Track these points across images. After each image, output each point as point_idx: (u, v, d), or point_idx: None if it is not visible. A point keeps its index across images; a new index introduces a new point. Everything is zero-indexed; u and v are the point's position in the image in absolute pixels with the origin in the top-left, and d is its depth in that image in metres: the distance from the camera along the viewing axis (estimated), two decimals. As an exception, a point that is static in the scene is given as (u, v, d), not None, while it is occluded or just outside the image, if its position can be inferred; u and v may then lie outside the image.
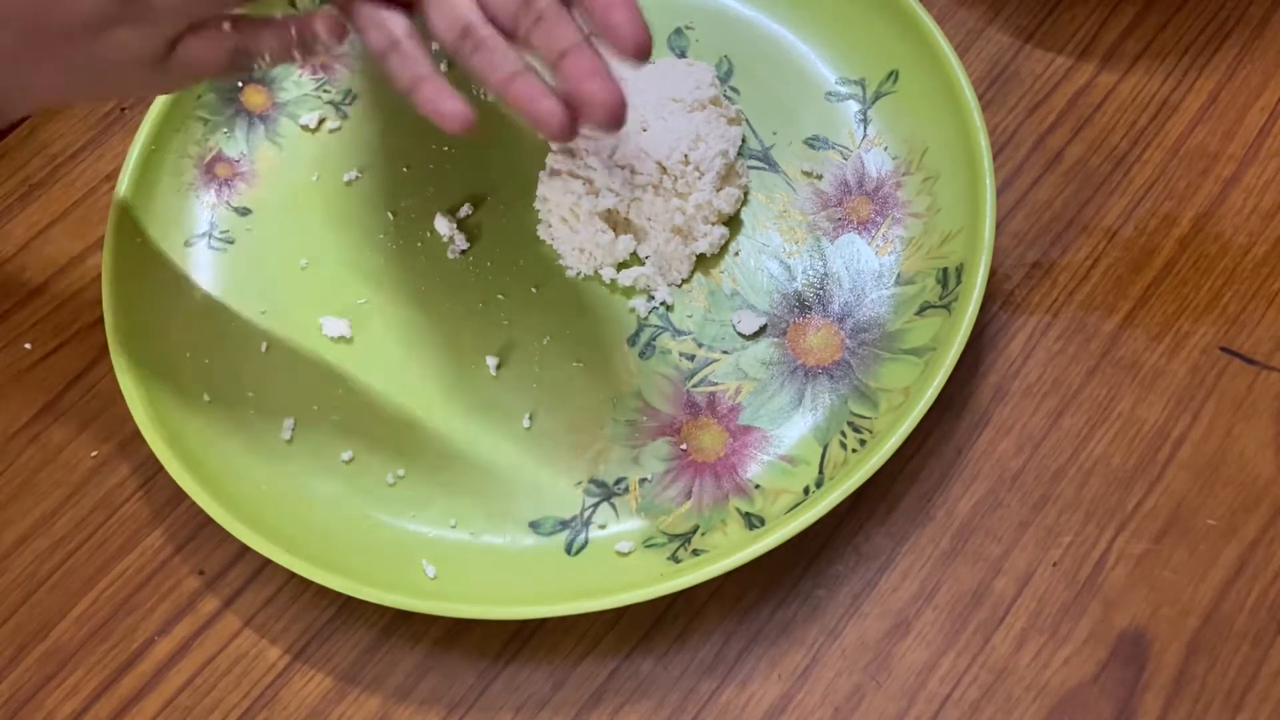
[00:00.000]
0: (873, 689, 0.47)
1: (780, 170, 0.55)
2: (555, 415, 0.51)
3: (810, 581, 0.48)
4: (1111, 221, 0.54)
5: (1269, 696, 0.45)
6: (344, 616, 0.49)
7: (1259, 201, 0.54)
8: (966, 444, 0.50)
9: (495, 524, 0.49)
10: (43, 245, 0.58)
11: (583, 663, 0.48)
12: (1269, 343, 0.51)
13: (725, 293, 0.53)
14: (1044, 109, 0.57)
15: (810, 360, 0.51)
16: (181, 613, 0.50)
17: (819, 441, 0.49)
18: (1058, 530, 0.48)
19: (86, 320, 0.56)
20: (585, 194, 0.53)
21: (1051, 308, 0.53)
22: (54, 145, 0.60)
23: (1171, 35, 0.58)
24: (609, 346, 0.52)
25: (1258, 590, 0.47)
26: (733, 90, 0.57)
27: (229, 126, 0.58)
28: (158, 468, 0.51)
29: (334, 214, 0.56)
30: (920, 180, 0.53)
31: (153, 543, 0.51)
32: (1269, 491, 0.48)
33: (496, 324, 0.53)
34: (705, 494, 0.49)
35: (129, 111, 0.61)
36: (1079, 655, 0.46)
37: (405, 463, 0.51)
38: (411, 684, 0.48)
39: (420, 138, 0.57)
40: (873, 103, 0.55)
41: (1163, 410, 0.50)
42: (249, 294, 0.55)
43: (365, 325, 0.54)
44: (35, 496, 0.52)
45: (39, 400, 0.54)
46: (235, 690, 0.48)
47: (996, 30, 0.59)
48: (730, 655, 0.48)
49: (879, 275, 0.52)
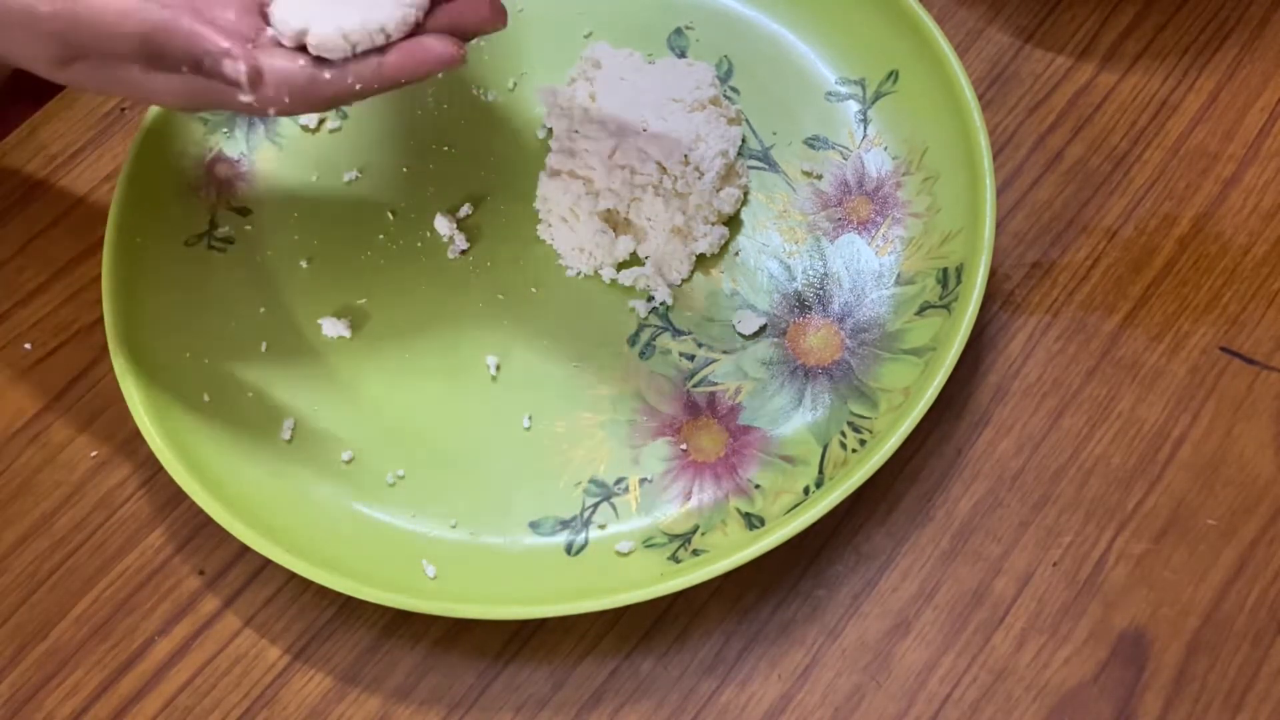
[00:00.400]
0: (873, 689, 0.47)
1: (780, 170, 0.55)
2: (555, 415, 0.51)
3: (810, 581, 0.48)
4: (1111, 221, 0.54)
5: (1269, 696, 0.45)
6: (344, 616, 0.49)
7: (1259, 201, 0.54)
8: (966, 444, 0.50)
9: (495, 524, 0.49)
10: (43, 245, 0.58)
11: (583, 663, 0.48)
12: (1269, 343, 0.51)
13: (725, 293, 0.53)
14: (1044, 109, 0.57)
15: (810, 360, 0.51)
16: (181, 613, 0.50)
17: (819, 441, 0.49)
18: (1058, 530, 0.48)
19: (86, 320, 0.56)
20: (585, 194, 0.53)
21: (1051, 308, 0.53)
22: (54, 145, 0.60)
23: (1171, 35, 0.58)
24: (609, 346, 0.52)
25: (1258, 590, 0.47)
26: (733, 90, 0.57)
27: (229, 126, 0.58)
28: (158, 468, 0.51)
29: (334, 214, 0.56)
30: (920, 180, 0.53)
31: (153, 543, 0.51)
32: (1269, 491, 0.48)
33: (496, 324, 0.53)
34: (705, 494, 0.49)
35: (129, 111, 0.61)
36: (1079, 655, 0.46)
37: (405, 463, 0.51)
38: (411, 684, 0.48)
39: (420, 138, 0.57)
40: (873, 103, 0.55)
41: (1163, 410, 0.50)
42: (249, 294, 0.55)
43: (365, 325, 0.54)
44: (35, 496, 0.52)
45: (39, 400, 0.54)
46: (235, 690, 0.48)
47: (996, 30, 0.59)
48: (730, 655, 0.48)
49: (879, 275, 0.52)
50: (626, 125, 0.53)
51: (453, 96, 0.58)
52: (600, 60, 0.56)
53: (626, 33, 0.58)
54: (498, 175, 0.56)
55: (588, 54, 0.57)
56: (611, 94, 0.54)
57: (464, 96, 0.58)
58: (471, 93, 0.58)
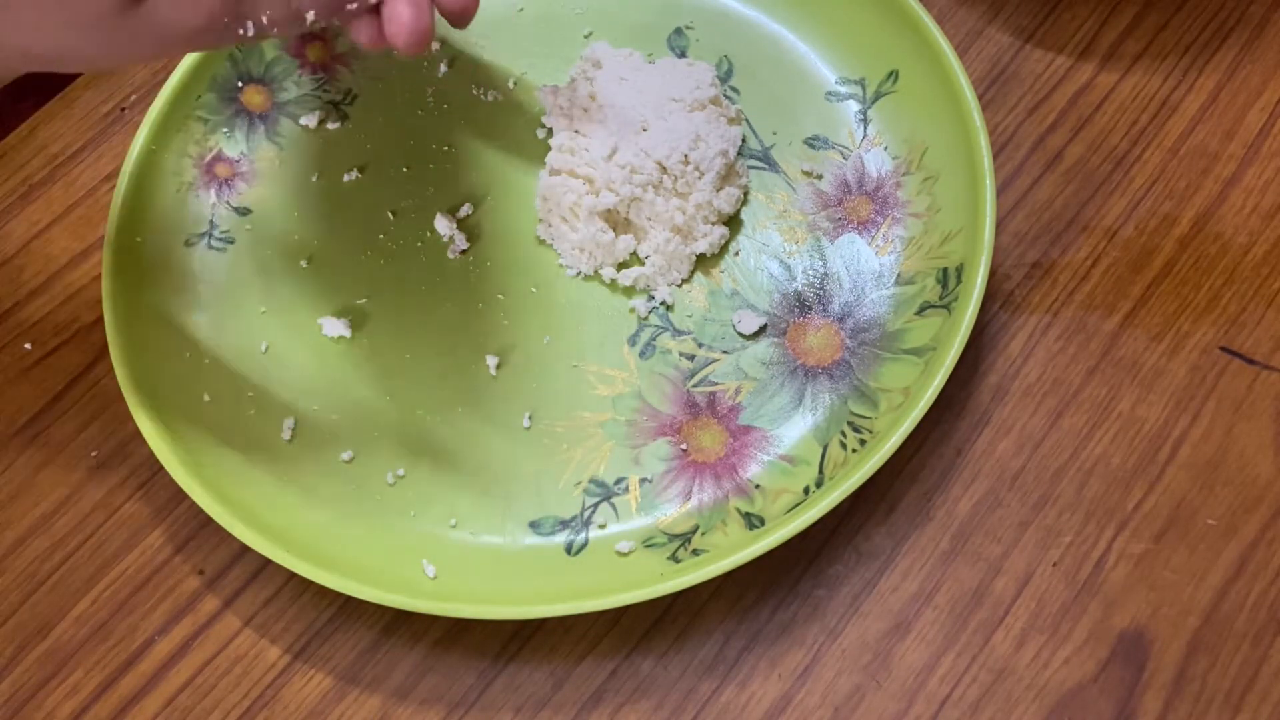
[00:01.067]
0: (873, 689, 0.47)
1: (780, 170, 0.55)
2: (555, 415, 0.51)
3: (810, 581, 0.48)
4: (1111, 221, 0.54)
5: (1269, 696, 0.45)
6: (344, 616, 0.49)
7: (1259, 201, 0.54)
8: (966, 444, 0.50)
9: (495, 524, 0.49)
10: (43, 245, 0.58)
11: (583, 663, 0.48)
12: (1269, 343, 0.51)
13: (725, 292, 0.53)
14: (1044, 109, 0.57)
15: (810, 360, 0.51)
16: (181, 613, 0.50)
17: (819, 441, 0.49)
18: (1058, 530, 0.48)
19: (86, 320, 0.56)
20: (585, 194, 0.53)
21: (1051, 308, 0.53)
22: (54, 145, 0.60)
23: (1171, 35, 0.58)
24: (609, 346, 0.53)
25: (1258, 590, 0.47)
26: (733, 90, 0.57)
27: (229, 126, 0.58)
28: (158, 468, 0.52)
29: (334, 214, 0.56)
30: (920, 180, 0.53)
31: (153, 543, 0.51)
32: (1269, 491, 0.48)
33: (496, 324, 0.53)
34: (705, 494, 0.49)
35: (129, 111, 0.61)
36: (1079, 655, 0.46)
37: (405, 463, 0.51)
38: (411, 684, 0.48)
39: (420, 138, 0.57)
40: (873, 103, 0.55)
41: (1163, 410, 0.50)
42: (249, 294, 0.55)
43: (365, 325, 0.54)
44: (35, 496, 0.52)
45: (39, 400, 0.54)
46: (235, 690, 0.48)
47: (996, 30, 0.59)
48: (730, 655, 0.48)
49: (879, 275, 0.52)
50: (626, 125, 0.53)
51: (453, 96, 0.58)
52: (600, 60, 0.56)
53: (626, 33, 0.58)
54: (498, 175, 0.57)
55: (588, 54, 0.57)
56: (611, 94, 0.54)
57: (464, 96, 0.58)
58: (471, 93, 0.58)
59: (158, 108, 0.56)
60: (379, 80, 0.59)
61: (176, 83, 0.57)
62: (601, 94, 0.55)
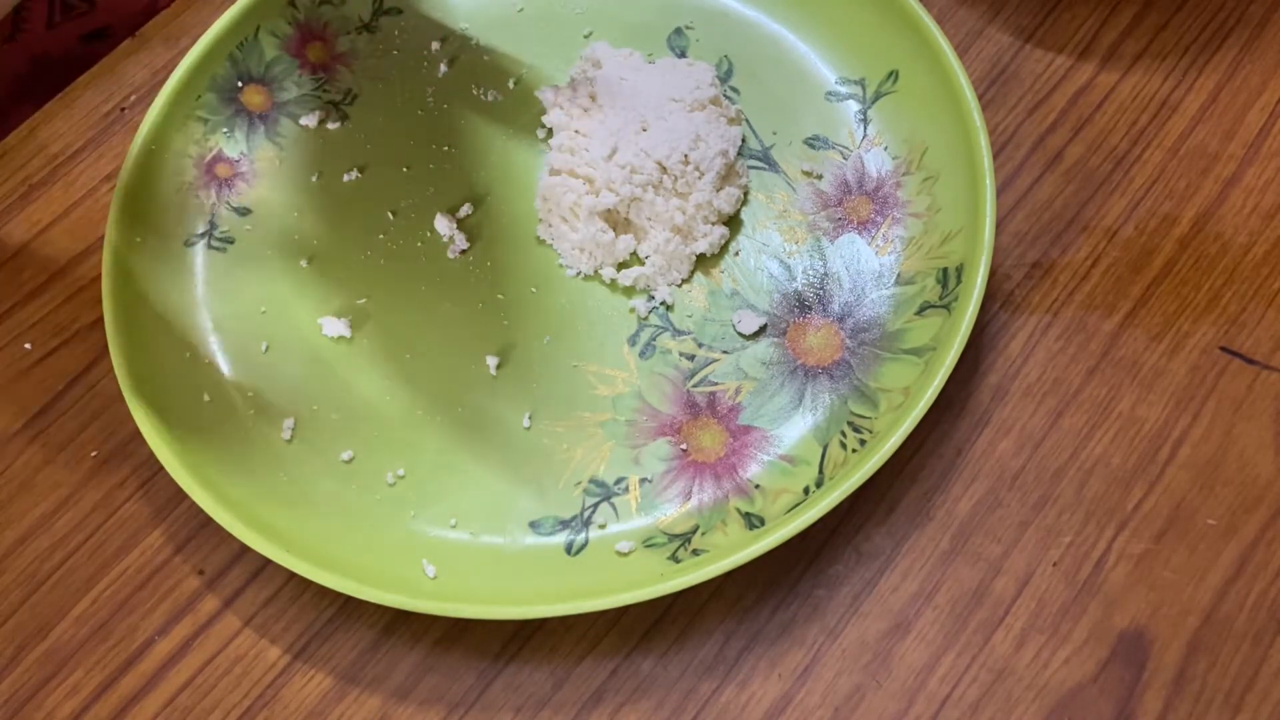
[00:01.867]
0: (873, 689, 0.47)
1: (780, 170, 0.55)
2: (555, 415, 0.51)
3: (810, 581, 0.48)
4: (1111, 221, 0.54)
5: (1269, 696, 0.45)
6: (344, 616, 0.49)
7: (1259, 201, 0.54)
8: (966, 444, 0.50)
9: (495, 524, 0.49)
10: (43, 245, 0.58)
11: (583, 663, 0.48)
12: (1269, 343, 0.51)
13: (725, 292, 0.53)
14: (1044, 109, 0.57)
15: (810, 360, 0.51)
16: (181, 613, 0.50)
17: (819, 441, 0.49)
18: (1058, 530, 0.48)
19: (86, 320, 0.56)
20: (585, 194, 0.53)
21: (1051, 308, 0.53)
22: (54, 145, 0.60)
23: (1171, 35, 0.58)
24: (609, 346, 0.53)
25: (1258, 590, 0.47)
26: (733, 90, 0.57)
27: (229, 126, 0.58)
28: (158, 468, 0.52)
29: (334, 214, 0.56)
30: (920, 180, 0.53)
31: (153, 543, 0.51)
32: (1269, 491, 0.48)
33: (496, 324, 0.53)
34: (705, 494, 0.49)
35: (129, 111, 0.61)
36: (1079, 655, 0.46)
37: (405, 463, 0.51)
38: (411, 684, 0.48)
39: (420, 138, 0.57)
40: (873, 103, 0.55)
41: (1163, 410, 0.50)
42: (249, 294, 0.55)
43: (365, 325, 0.54)
44: (35, 496, 0.52)
45: (39, 400, 0.54)
46: (235, 690, 0.48)
47: (996, 30, 0.59)
48: (730, 655, 0.48)
49: (879, 275, 0.52)
50: (626, 125, 0.53)
51: (453, 96, 0.58)
52: (600, 60, 0.56)
53: (626, 33, 0.58)
54: (498, 175, 0.57)
55: (588, 54, 0.57)
56: (611, 94, 0.54)
57: (464, 96, 0.58)
58: (471, 93, 0.58)
59: (158, 108, 0.56)
60: (379, 80, 0.59)
61: (176, 83, 0.57)
62: (601, 94, 0.55)
